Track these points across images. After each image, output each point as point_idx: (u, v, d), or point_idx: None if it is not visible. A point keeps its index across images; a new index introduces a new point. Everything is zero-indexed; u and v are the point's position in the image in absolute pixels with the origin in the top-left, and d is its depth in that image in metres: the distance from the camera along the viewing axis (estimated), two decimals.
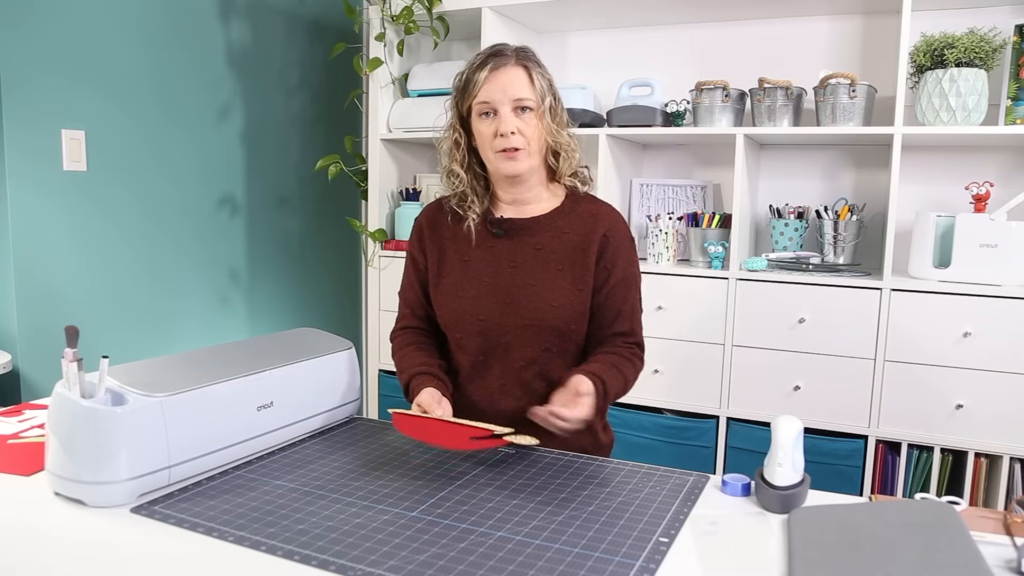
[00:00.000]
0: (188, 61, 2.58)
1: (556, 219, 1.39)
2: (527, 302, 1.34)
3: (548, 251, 1.37)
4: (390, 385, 2.79)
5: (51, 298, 2.23)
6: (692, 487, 1.15)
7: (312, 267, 3.19)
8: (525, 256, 1.37)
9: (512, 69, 1.31)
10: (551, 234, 1.38)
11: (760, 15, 2.54)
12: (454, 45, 2.99)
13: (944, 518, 0.92)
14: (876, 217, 2.46)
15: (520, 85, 1.31)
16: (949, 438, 2.10)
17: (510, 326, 1.35)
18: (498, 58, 1.32)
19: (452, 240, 1.42)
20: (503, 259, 1.38)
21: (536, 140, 1.33)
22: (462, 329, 1.38)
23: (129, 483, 1.04)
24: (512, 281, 1.36)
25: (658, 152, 2.76)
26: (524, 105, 1.31)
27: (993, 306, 2.03)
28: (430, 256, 1.44)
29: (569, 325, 1.35)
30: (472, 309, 1.37)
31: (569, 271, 1.36)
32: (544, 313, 1.34)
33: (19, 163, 2.12)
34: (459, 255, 1.40)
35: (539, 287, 1.35)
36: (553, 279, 1.35)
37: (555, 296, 1.34)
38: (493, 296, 1.36)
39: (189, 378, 1.14)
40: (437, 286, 1.42)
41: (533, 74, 1.33)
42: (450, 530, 0.98)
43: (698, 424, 2.36)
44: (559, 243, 1.37)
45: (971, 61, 2.06)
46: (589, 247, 1.36)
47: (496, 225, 1.39)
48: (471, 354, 1.39)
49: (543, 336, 1.35)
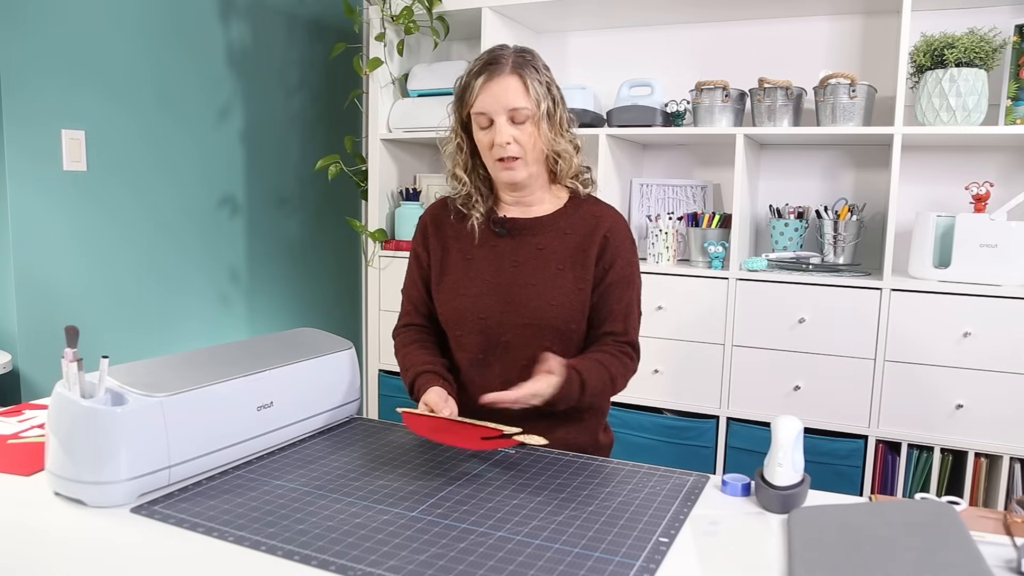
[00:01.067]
0: (188, 61, 2.58)
1: (559, 219, 1.39)
2: (528, 301, 1.35)
3: (550, 251, 1.37)
4: (390, 385, 2.79)
5: (51, 298, 2.23)
6: (692, 487, 1.15)
7: (312, 267, 3.19)
8: (527, 256, 1.38)
9: (506, 79, 1.30)
10: (553, 234, 1.38)
11: (760, 15, 2.54)
12: (454, 45, 2.99)
13: (944, 518, 0.92)
14: (876, 217, 2.46)
15: (514, 95, 1.29)
16: (949, 438, 2.10)
17: (510, 325, 1.35)
18: (493, 67, 1.31)
19: (455, 238, 1.43)
20: (505, 258, 1.38)
21: (533, 148, 1.33)
22: (462, 327, 1.39)
23: (129, 483, 1.04)
24: (514, 280, 1.37)
25: (658, 152, 2.76)
26: (519, 114, 1.30)
27: (993, 306, 2.03)
28: (433, 254, 1.44)
29: (569, 324, 1.36)
30: (473, 307, 1.37)
31: (570, 271, 1.36)
32: (544, 312, 1.34)
33: (19, 163, 2.12)
34: (462, 253, 1.41)
35: (540, 287, 1.35)
36: (554, 279, 1.36)
37: (555, 295, 1.35)
38: (494, 295, 1.36)
39: (189, 378, 1.14)
40: (439, 284, 1.42)
41: (529, 81, 1.31)
42: (450, 530, 0.98)
43: (698, 424, 2.36)
44: (561, 243, 1.38)
45: (971, 61, 2.07)
46: (590, 247, 1.37)
47: (499, 225, 1.40)
48: (471, 352, 1.39)
49: (543, 335, 1.35)
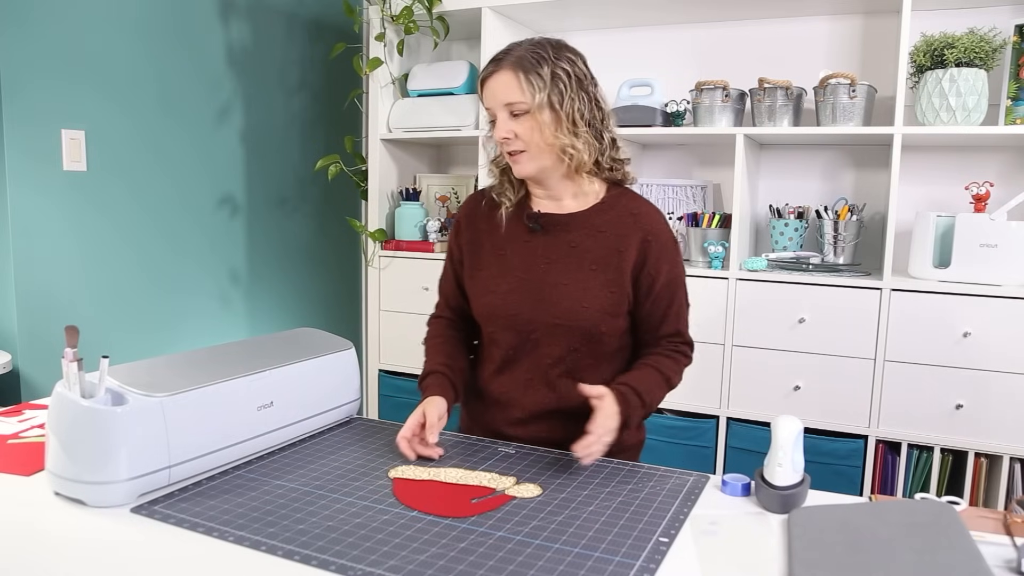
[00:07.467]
0: (188, 61, 2.58)
1: (593, 216, 1.37)
2: (558, 300, 1.34)
3: (583, 249, 1.35)
4: (390, 385, 2.79)
5: (51, 298, 2.23)
6: (692, 487, 1.15)
7: (312, 267, 3.19)
8: (560, 253, 1.36)
9: (503, 75, 1.29)
10: (587, 231, 1.36)
11: (760, 15, 2.54)
12: (454, 45, 2.99)
13: (944, 518, 0.92)
14: (876, 217, 2.46)
15: (509, 90, 1.29)
16: (949, 438, 2.10)
17: (540, 323, 1.35)
18: (493, 64, 1.31)
19: (489, 232, 1.42)
20: (538, 254, 1.37)
21: (536, 142, 1.31)
22: (494, 323, 1.39)
23: (129, 483, 1.04)
24: (545, 278, 1.35)
25: (658, 152, 2.76)
26: (517, 109, 1.29)
27: (993, 306, 2.03)
28: (465, 249, 1.44)
29: (598, 327, 1.33)
30: (504, 304, 1.37)
31: (602, 272, 1.34)
32: (575, 314, 1.32)
33: (19, 163, 2.12)
34: (495, 248, 1.41)
35: (571, 286, 1.34)
36: (586, 279, 1.34)
37: (586, 296, 1.33)
38: (525, 292, 1.36)
39: (189, 378, 1.14)
40: (472, 279, 1.42)
41: (526, 75, 1.28)
42: (450, 530, 0.98)
43: (698, 424, 2.36)
44: (594, 242, 1.35)
45: (971, 61, 2.06)
46: (627, 250, 1.34)
47: (533, 220, 1.39)
48: (503, 348, 1.40)
49: (572, 336, 1.34)
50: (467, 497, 1.10)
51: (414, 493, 1.11)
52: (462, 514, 1.04)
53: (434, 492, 1.12)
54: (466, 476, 1.17)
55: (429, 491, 1.12)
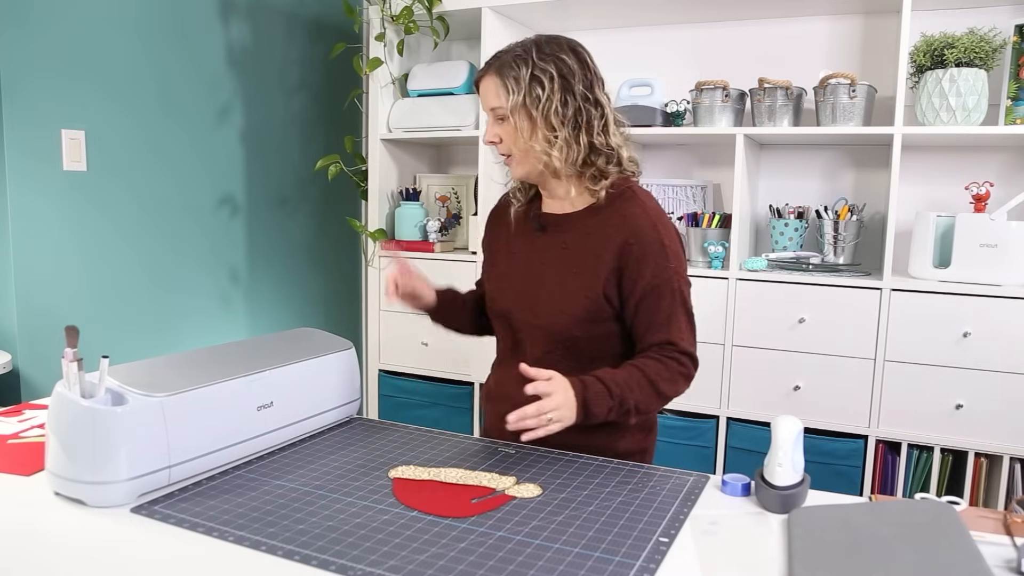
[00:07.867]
0: (188, 61, 2.58)
1: (586, 217, 1.34)
2: (541, 302, 1.34)
3: (572, 250, 1.34)
4: (390, 385, 2.78)
5: (51, 298, 2.23)
6: (692, 487, 1.15)
7: (312, 267, 3.19)
8: (555, 254, 1.35)
9: (488, 79, 1.30)
10: (578, 232, 1.34)
11: (760, 15, 2.54)
12: (454, 45, 2.99)
13: (944, 518, 0.92)
14: (876, 217, 2.46)
15: (490, 95, 1.30)
16: (949, 438, 2.10)
17: (524, 323, 1.37)
18: (483, 68, 1.32)
19: (506, 231, 1.46)
20: (536, 255, 1.38)
21: (519, 146, 1.30)
22: (493, 319, 1.46)
23: (129, 483, 1.04)
24: (540, 280, 1.36)
25: (658, 152, 2.76)
26: (498, 113, 1.30)
27: (993, 306, 2.03)
28: (488, 246, 1.50)
29: (572, 332, 1.31)
30: (499, 300, 1.41)
31: (581, 275, 1.31)
32: (551, 316, 1.32)
33: (19, 163, 2.12)
34: (508, 247, 1.44)
35: (553, 289, 1.33)
36: (567, 281, 1.32)
37: (565, 300, 1.31)
38: (518, 291, 1.38)
39: (189, 378, 1.14)
40: (489, 274, 1.48)
41: (504, 80, 1.27)
42: (450, 530, 0.98)
43: (698, 424, 2.36)
44: (581, 243, 1.33)
45: (971, 61, 2.06)
46: (604, 253, 1.29)
47: (535, 220, 1.40)
48: (501, 343, 1.47)
49: (548, 339, 1.34)
50: (467, 497, 1.10)
51: (414, 493, 1.11)
52: (462, 514, 1.04)
53: (434, 492, 1.12)
54: (466, 476, 1.17)
55: (429, 491, 1.12)
